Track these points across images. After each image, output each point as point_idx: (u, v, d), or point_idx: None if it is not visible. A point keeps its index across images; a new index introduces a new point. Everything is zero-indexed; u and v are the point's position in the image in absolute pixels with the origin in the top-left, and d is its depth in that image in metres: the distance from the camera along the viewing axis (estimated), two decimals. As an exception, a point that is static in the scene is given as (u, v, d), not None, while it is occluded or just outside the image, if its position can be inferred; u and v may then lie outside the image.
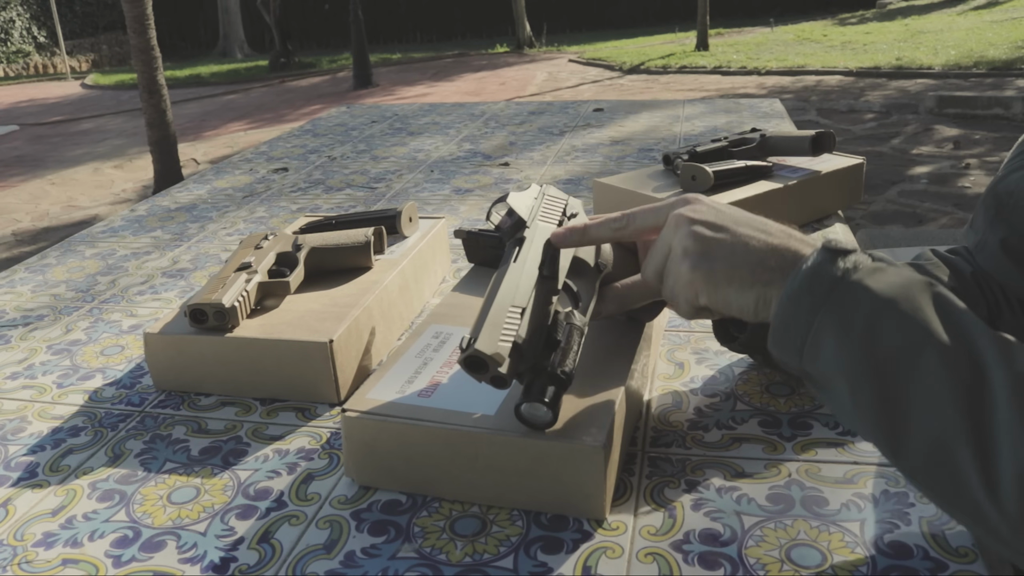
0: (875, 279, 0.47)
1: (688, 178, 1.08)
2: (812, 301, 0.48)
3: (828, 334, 0.47)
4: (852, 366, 0.46)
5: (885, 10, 14.17)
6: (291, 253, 0.86)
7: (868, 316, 0.46)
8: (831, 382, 0.48)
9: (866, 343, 0.46)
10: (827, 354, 0.47)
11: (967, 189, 4.19)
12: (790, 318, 0.49)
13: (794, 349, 0.49)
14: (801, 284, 0.49)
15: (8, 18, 16.20)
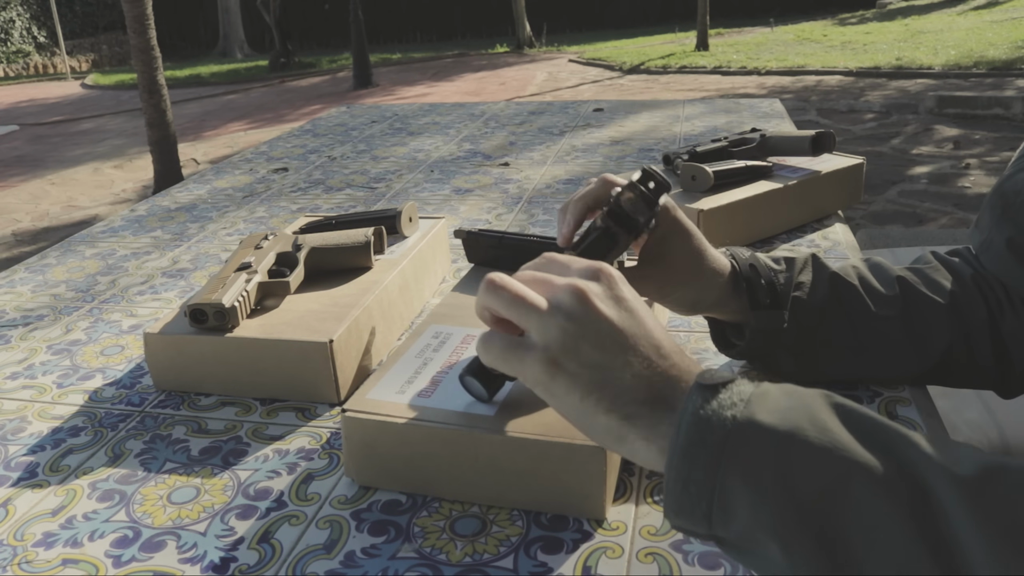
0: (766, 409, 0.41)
1: (688, 178, 1.08)
2: (708, 457, 0.40)
3: (738, 492, 0.40)
4: (777, 523, 0.39)
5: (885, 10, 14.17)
6: (291, 253, 0.86)
7: (777, 459, 0.39)
8: (754, 544, 0.41)
9: (784, 491, 0.39)
10: (742, 516, 0.40)
11: (967, 189, 4.19)
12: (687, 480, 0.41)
13: (699, 516, 0.41)
14: (690, 436, 0.41)
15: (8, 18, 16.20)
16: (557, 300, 0.47)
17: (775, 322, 0.66)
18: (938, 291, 0.68)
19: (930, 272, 0.70)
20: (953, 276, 0.69)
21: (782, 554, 0.39)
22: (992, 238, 0.68)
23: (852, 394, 0.70)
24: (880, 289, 0.68)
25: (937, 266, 0.71)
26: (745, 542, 0.41)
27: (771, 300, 0.66)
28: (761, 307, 0.66)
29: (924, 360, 0.68)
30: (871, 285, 0.68)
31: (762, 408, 0.41)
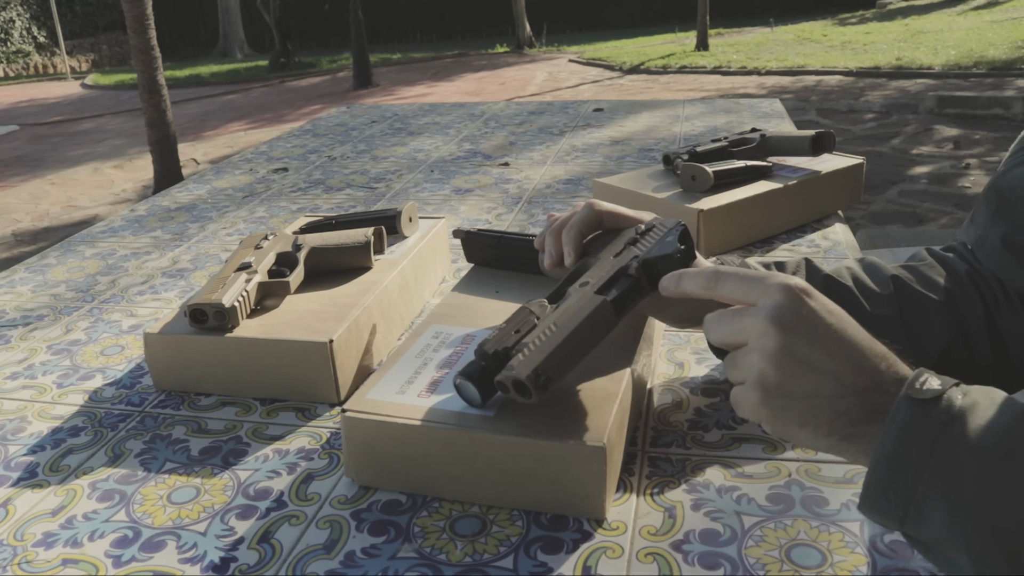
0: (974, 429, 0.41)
1: (688, 178, 1.08)
2: (910, 471, 0.42)
3: (935, 504, 0.41)
4: (971, 537, 0.40)
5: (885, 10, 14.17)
6: (291, 253, 0.86)
7: (978, 478, 0.40)
8: (945, 551, 0.43)
9: (983, 510, 0.40)
10: (936, 524, 0.42)
11: (967, 189, 4.19)
12: (887, 487, 0.43)
13: (894, 518, 0.44)
14: (895, 450, 0.43)
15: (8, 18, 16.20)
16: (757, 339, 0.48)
17: None
18: (933, 289, 0.68)
19: (925, 270, 0.70)
20: (948, 273, 0.69)
21: (971, 565, 0.41)
22: (987, 234, 0.68)
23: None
24: (875, 289, 0.68)
25: (932, 263, 0.71)
26: (936, 546, 0.43)
27: None
28: None
29: (922, 358, 0.67)
30: (866, 285, 0.68)
31: (971, 425, 0.42)
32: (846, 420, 0.45)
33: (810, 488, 0.59)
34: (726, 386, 0.73)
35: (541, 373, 0.53)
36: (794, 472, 0.61)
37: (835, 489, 0.59)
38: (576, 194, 1.34)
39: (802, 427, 0.47)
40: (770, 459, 0.62)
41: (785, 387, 0.47)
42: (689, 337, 0.83)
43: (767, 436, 0.65)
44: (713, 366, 0.77)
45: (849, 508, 0.57)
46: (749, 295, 0.50)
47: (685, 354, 0.79)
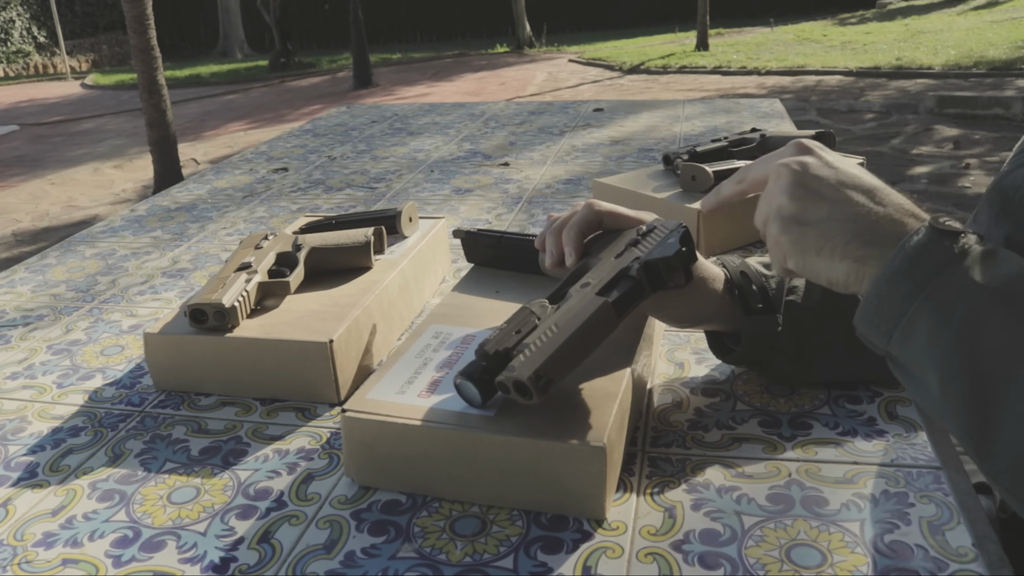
0: (983, 268, 0.44)
1: (688, 178, 1.08)
2: (911, 286, 0.45)
3: (923, 322, 0.44)
4: (945, 359, 0.43)
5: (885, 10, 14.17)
6: (291, 253, 0.86)
7: (970, 309, 0.43)
8: (919, 371, 0.45)
9: (964, 337, 0.43)
10: (919, 342, 0.45)
11: (967, 189, 4.19)
12: (884, 300, 0.46)
13: (883, 331, 0.46)
14: (901, 266, 0.45)
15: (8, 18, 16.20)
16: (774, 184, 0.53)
17: (768, 326, 0.67)
18: None
19: None
20: None
21: (938, 386, 0.44)
22: (990, 235, 0.68)
23: (852, 394, 0.70)
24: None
25: None
26: (912, 366, 0.46)
27: (763, 305, 0.67)
28: (753, 312, 0.66)
29: None
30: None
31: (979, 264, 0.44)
32: (859, 242, 0.48)
33: (810, 488, 0.59)
34: (726, 386, 0.73)
35: (542, 375, 0.53)
36: (794, 472, 0.61)
37: (835, 489, 0.59)
38: (576, 194, 1.34)
39: (819, 253, 0.50)
40: (770, 459, 0.62)
41: (799, 214, 0.51)
42: (689, 337, 0.83)
43: (767, 436, 0.65)
44: (713, 366, 0.77)
45: (849, 508, 0.57)
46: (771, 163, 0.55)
47: (685, 354, 0.79)
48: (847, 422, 0.66)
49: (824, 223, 0.50)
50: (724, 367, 0.76)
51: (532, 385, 0.53)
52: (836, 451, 0.63)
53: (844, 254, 0.49)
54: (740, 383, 0.73)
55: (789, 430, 0.66)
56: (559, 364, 0.55)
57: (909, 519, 0.55)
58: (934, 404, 0.46)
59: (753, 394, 0.71)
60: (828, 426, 0.66)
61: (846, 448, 0.63)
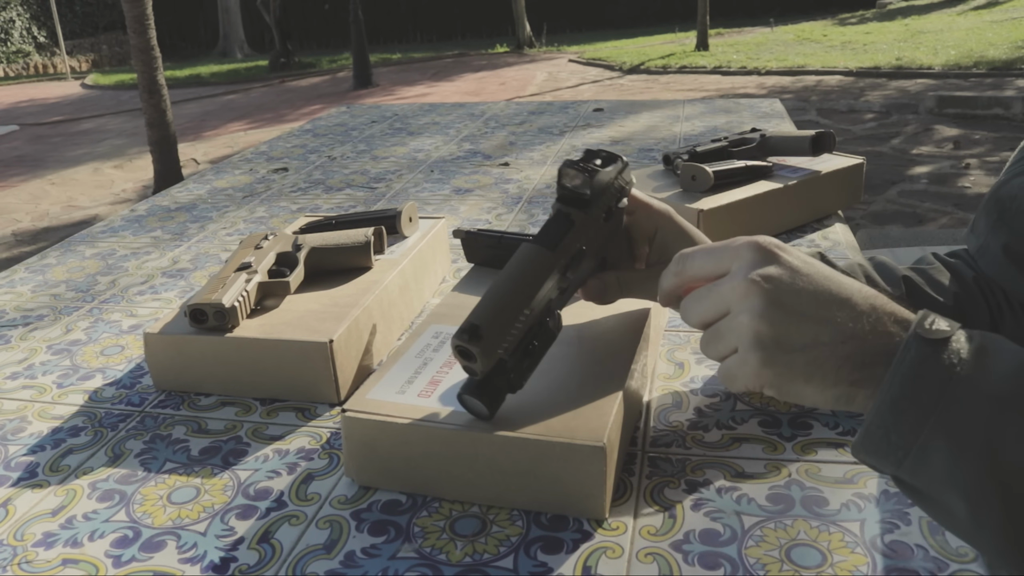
0: (985, 373, 0.41)
1: (688, 178, 1.08)
2: (917, 413, 0.41)
3: (939, 449, 0.40)
4: (972, 486, 0.40)
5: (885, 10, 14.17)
6: (291, 253, 0.86)
7: (987, 426, 0.40)
8: (941, 497, 0.42)
9: (988, 459, 0.39)
10: (937, 470, 0.41)
11: (967, 189, 4.19)
12: (890, 430, 0.42)
13: (892, 460, 0.42)
14: (902, 391, 0.42)
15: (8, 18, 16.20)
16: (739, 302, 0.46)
17: None
18: (942, 292, 0.68)
19: (933, 273, 0.70)
20: (955, 277, 0.69)
21: (967, 511, 0.40)
22: (988, 244, 0.68)
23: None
24: (886, 288, 0.68)
25: (939, 267, 0.71)
26: (931, 491, 0.42)
27: None
28: None
29: None
30: (877, 284, 0.68)
31: (979, 369, 0.41)
32: (851, 365, 0.44)
33: (810, 488, 0.59)
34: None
35: (467, 327, 0.53)
36: (794, 472, 0.61)
37: (835, 489, 0.59)
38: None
39: (808, 381, 0.45)
40: (770, 459, 0.62)
41: (783, 341, 0.45)
42: (689, 337, 0.83)
43: (767, 436, 0.65)
44: (713, 366, 0.77)
45: (849, 508, 0.57)
46: (721, 264, 0.49)
47: (685, 354, 0.79)
48: (847, 422, 0.66)
49: (812, 349, 0.45)
50: (724, 367, 0.76)
51: (462, 341, 0.53)
52: (836, 451, 0.63)
53: (836, 380, 0.44)
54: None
55: (789, 430, 0.66)
56: (491, 313, 0.54)
57: (909, 519, 0.55)
58: (963, 529, 0.42)
59: (753, 394, 0.71)
60: (828, 426, 0.66)
61: (846, 448, 0.63)
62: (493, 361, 0.54)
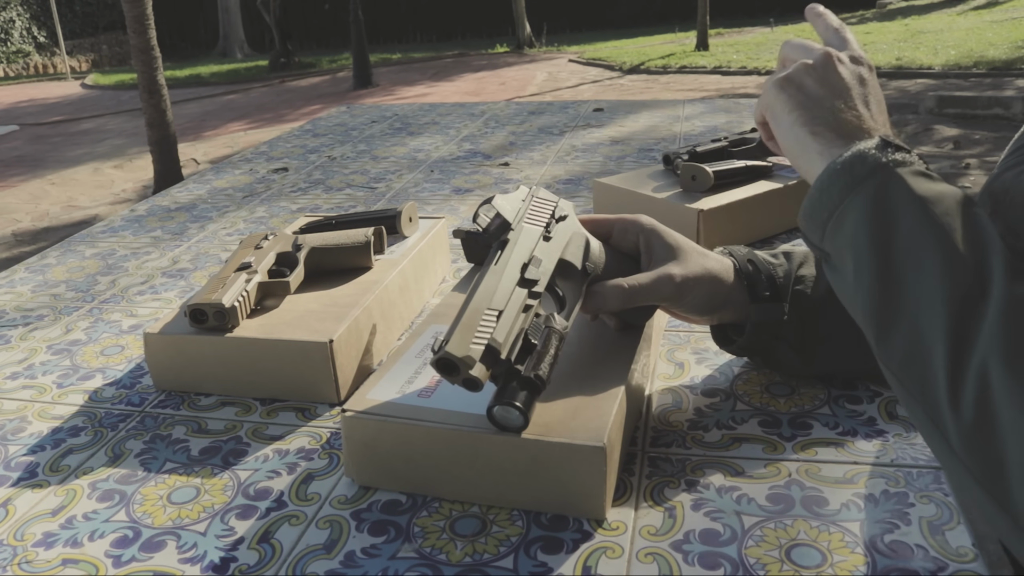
0: (915, 179, 0.49)
1: (688, 178, 1.08)
2: (848, 181, 0.50)
3: (852, 213, 0.49)
4: (862, 247, 0.48)
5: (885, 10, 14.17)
6: (291, 253, 0.86)
7: (894, 207, 0.48)
8: (841, 260, 0.50)
9: (883, 230, 0.48)
10: (845, 232, 0.49)
11: (967, 189, 4.19)
12: (824, 191, 0.51)
13: (819, 223, 0.52)
14: (844, 162, 0.51)
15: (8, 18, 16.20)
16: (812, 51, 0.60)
17: (775, 314, 0.67)
18: None
19: None
20: None
21: (852, 272, 0.49)
22: None
23: (852, 393, 0.70)
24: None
25: None
26: (837, 256, 0.51)
27: (771, 293, 0.67)
28: (761, 300, 0.67)
29: None
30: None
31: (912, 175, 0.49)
32: (821, 122, 0.55)
33: (810, 488, 0.59)
34: (726, 386, 0.73)
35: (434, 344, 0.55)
36: (794, 472, 0.61)
37: (835, 489, 0.59)
38: (576, 194, 1.34)
39: (791, 111, 0.57)
40: (770, 459, 0.62)
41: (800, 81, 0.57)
42: (689, 337, 0.83)
43: (767, 436, 0.65)
44: (713, 366, 0.77)
45: (849, 508, 0.57)
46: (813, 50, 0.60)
47: (685, 354, 0.79)
48: (847, 422, 0.66)
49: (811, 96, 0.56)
50: (724, 367, 0.76)
51: (434, 353, 0.54)
52: (836, 451, 0.63)
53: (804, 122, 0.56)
54: (740, 383, 0.73)
55: (789, 430, 0.66)
56: (454, 320, 0.56)
57: (909, 519, 0.55)
58: (847, 292, 0.51)
59: (753, 394, 0.71)
60: (828, 426, 0.66)
61: (846, 448, 0.63)
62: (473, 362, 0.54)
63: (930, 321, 0.44)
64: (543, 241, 0.64)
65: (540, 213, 0.67)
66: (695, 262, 0.66)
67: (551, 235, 0.65)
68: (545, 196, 0.69)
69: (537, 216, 0.66)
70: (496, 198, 0.65)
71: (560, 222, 0.67)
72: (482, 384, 0.54)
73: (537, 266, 0.61)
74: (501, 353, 0.55)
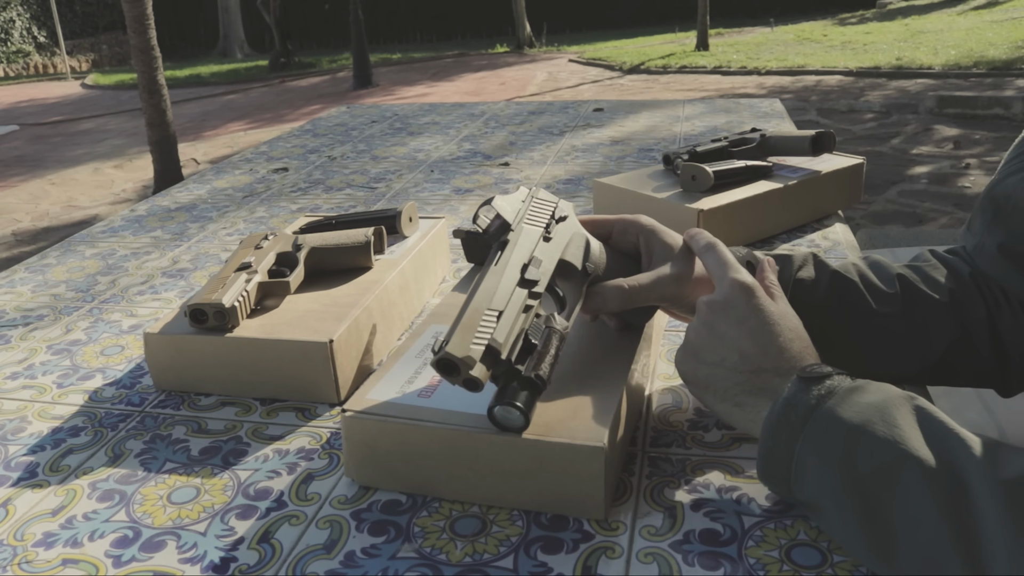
0: (849, 404, 0.49)
1: (688, 178, 1.08)
2: (789, 433, 0.50)
3: (809, 463, 0.49)
4: (835, 490, 0.48)
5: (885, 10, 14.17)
6: (291, 253, 0.86)
7: (844, 441, 0.48)
8: (820, 507, 0.50)
9: (844, 467, 0.47)
10: (811, 482, 0.49)
11: (967, 189, 4.19)
12: (772, 450, 0.51)
13: (782, 480, 0.51)
14: (778, 417, 0.51)
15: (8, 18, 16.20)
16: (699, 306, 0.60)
17: None
18: (938, 289, 0.68)
19: (929, 270, 0.70)
20: (951, 274, 0.69)
21: (837, 517, 0.48)
22: (984, 242, 0.68)
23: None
24: (881, 287, 0.68)
25: (936, 264, 0.71)
26: (813, 505, 0.50)
27: None
28: None
29: (925, 358, 0.68)
30: (872, 283, 0.68)
31: (844, 401, 0.49)
32: (739, 390, 0.55)
33: (810, 488, 0.59)
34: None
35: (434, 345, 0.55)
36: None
37: (835, 489, 0.58)
38: (576, 194, 1.34)
39: (705, 389, 0.58)
40: (770, 459, 0.62)
41: (699, 353, 0.58)
42: (689, 337, 0.82)
43: (767, 436, 0.65)
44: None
45: (849, 508, 0.56)
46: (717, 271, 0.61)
47: (685, 354, 0.79)
48: (847, 422, 0.66)
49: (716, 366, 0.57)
50: (724, 367, 0.76)
51: (434, 354, 0.54)
52: (836, 451, 0.63)
53: (724, 397, 0.56)
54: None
55: (789, 430, 0.66)
56: (454, 321, 0.56)
57: (909, 519, 0.55)
58: (840, 536, 0.49)
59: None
60: (828, 426, 0.66)
61: (846, 448, 0.63)
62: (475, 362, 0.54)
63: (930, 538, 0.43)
64: (543, 242, 0.64)
65: (540, 214, 0.67)
66: (695, 263, 0.66)
67: (551, 236, 0.65)
68: (545, 197, 0.69)
69: (537, 217, 0.66)
70: (496, 199, 0.65)
71: (560, 223, 0.67)
72: (482, 384, 0.54)
73: (537, 267, 0.61)
74: (501, 353, 0.55)
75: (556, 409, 0.59)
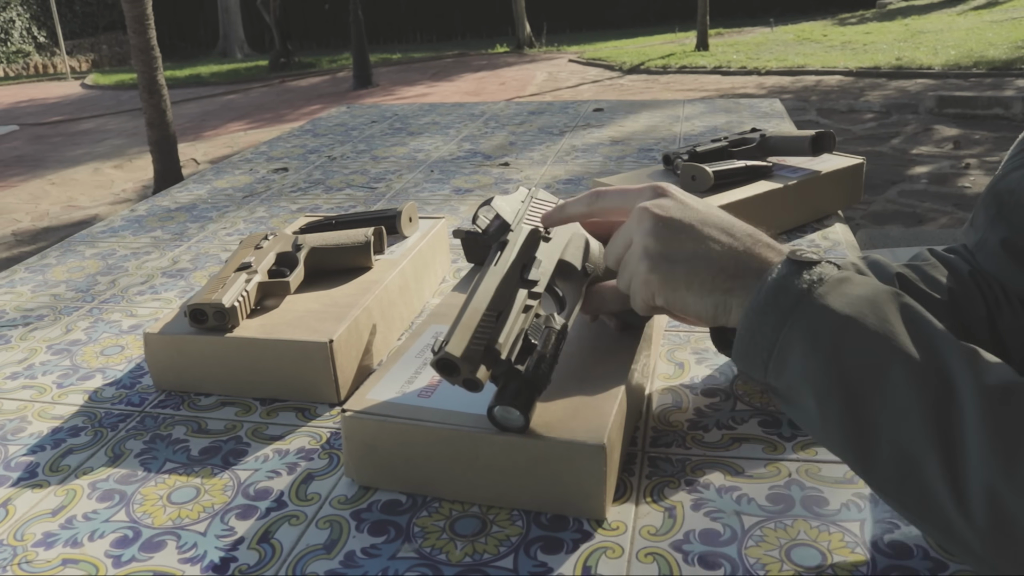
0: (840, 293, 0.47)
1: (688, 178, 1.08)
2: (777, 316, 0.48)
3: (794, 349, 0.47)
4: (819, 381, 0.46)
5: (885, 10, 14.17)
6: (291, 253, 0.86)
7: (834, 331, 0.46)
8: (798, 397, 0.48)
9: (832, 358, 0.45)
10: (793, 369, 0.47)
11: (967, 189, 4.19)
12: (755, 332, 0.49)
13: (759, 363, 0.49)
14: (767, 298, 0.48)
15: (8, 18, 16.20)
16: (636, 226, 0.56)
17: None
18: (937, 288, 0.68)
19: (928, 269, 0.70)
20: (951, 273, 0.69)
21: (816, 408, 0.46)
22: (987, 238, 0.68)
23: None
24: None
25: (935, 263, 0.71)
26: (790, 393, 0.48)
27: None
28: None
29: None
30: None
31: (835, 290, 0.47)
32: (725, 276, 0.52)
33: (810, 488, 0.59)
34: (726, 386, 0.73)
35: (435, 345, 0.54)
36: (794, 472, 0.61)
37: (835, 489, 0.59)
38: (576, 194, 1.34)
39: (688, 288, 0.53)
40: (770, 459, 0.62)
41: (667, 252, 0.53)
42: (689, 337, 0.83)
43: (767, 436, 0.65)
44: (713, 366, 0.77)
45: (849, 508, 0.57)
46: (627, 202, 0.58)
47: (685, 354, 0.79)
48: (847, 422, 0.66)
49: (692, 260, 0.53)
50: (724, 367, 0.76)
51: (434, 354, 0.53)
52: (836, 451, 0.63)
53: (712, 287, 0.52)
54: (740, 383, 0.73)
55: (789, 430, 0.66)
56: (454, 321, 0.56)
57: (909, 519, 0.55)
58: (815, 428, 0.48)
59: (753, 394, 0.71)
60: (828, 426, 0.66)
61: (846, 448, 0.63)
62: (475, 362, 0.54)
63: (911, 437, 0.43)
64: (543, 242, 0.64)
65: (539, 214, 0.67)
66: None
67: (550, 236, 0.65)
68: (544, 197, 0.69)
69: (537, 217, 0.66)
70: (495, 199, 0.65)
71: None
72: (482, 385, 0.54)
73: (537, 267, 0.61)
74: (501, 353, 0.55)
75: (556, 409, 0.59)
